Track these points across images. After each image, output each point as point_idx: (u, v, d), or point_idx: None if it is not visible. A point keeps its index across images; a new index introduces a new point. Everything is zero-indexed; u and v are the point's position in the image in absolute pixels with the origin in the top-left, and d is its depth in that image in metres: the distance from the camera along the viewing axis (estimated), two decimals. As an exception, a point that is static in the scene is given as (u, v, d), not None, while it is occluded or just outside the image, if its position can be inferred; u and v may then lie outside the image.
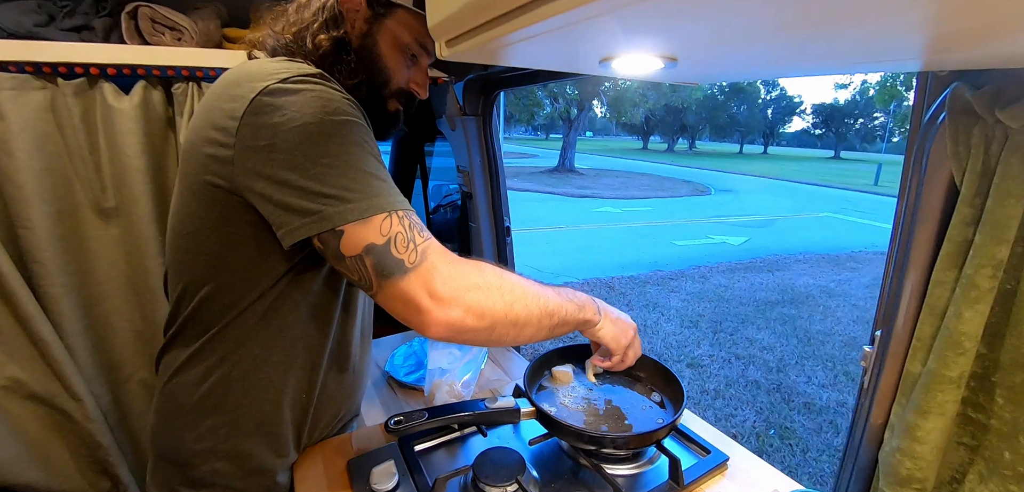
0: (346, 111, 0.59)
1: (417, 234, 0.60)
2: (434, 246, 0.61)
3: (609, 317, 0.82)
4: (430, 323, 0.59)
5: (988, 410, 0.67)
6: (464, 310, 0.60)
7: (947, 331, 0.63)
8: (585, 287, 5.48)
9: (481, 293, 0.62)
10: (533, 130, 52.41)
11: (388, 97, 0.77)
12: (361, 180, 0.57)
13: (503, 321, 0.63)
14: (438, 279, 0.59)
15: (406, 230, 0.59)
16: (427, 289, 0.58)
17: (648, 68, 0.49)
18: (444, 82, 1.40)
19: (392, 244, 0.58)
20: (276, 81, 0.58)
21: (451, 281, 0.60)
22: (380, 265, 0.58)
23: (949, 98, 0.57)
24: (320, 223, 0.56)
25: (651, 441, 0.77)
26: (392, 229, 0.58)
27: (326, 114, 0.57)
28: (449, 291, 0.59)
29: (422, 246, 0.60)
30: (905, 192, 0.67)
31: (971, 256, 0.59)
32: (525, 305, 0.66)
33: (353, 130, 0.59)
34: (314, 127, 0.56)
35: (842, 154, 44.95)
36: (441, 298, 0.58)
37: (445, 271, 0.60)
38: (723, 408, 3.36)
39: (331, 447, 0.86)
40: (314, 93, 0.58)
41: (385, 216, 0.58)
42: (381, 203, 0.58)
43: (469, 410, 0.75)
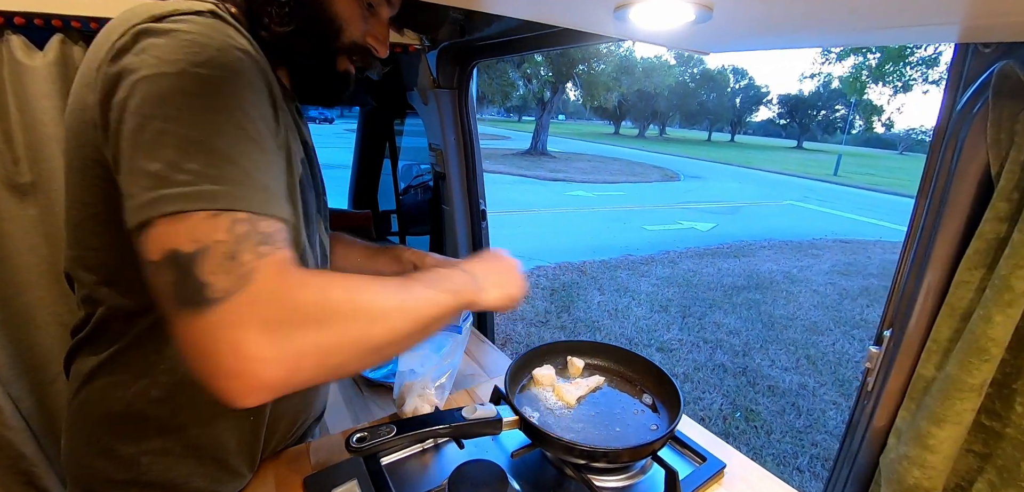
0: (223, 63, 0.45)
1: (248, 248, 0.41)
2: (268, 267, 0.42)
3: (490, 279, 0.66)
4: (237, 394, 0.40)
5: (1005, 418, 0.62)
6: (296, 360, 0.42)
7: (972, 335, 0.58)
8: (557, 271, 5.45)
9: (323, 330, 0.44)
10: (506, 112, 52.05)
11: (338, 53, 0.64)
12: (202, 158, 0.41)
13: (359, 351, 0.47)
14: (254, 324, 0.40)
15: (233, 239, 0.41)
16: (231, 342, 0.39)
17: (675, 20, 0.40)
18: (416, 50, 1.28)
19: (203, 257, 0.40)
20: (148, 20, 0.45)
21: (275, 323, 0.41)
22: (179, 286, 0.40)
23: (995, 77, 0.51)
24: (133, 213, 0.41)
25: (647, 454, 0.70)
26: (213, 235, 0.40)
27: (190, 65, 0.43)
28: (268, 343, 0.40)
29: (247, 267, 0.41)
30: (929, 184, 0.61)
31: (1007, 255, 0.53)
32: (386, 323, 0.49)
33: (222, 90, 0.44)
34: (168, 81, 0.42)
35: (805, 144, 46.60)
36: (251, 355, 0.39)
37: (268, 309, 0.41)
38: (692, 392, 3.40)
39: (285, 460, 0.75)
40: (185, 36, 0.44)
41: (211, 215, 0.41)
42: (213, 193, 0.41)
43: (444, 422, 0.66)
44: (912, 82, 14.69)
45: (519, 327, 4.08)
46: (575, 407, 0.81)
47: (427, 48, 1.29)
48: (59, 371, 1.10)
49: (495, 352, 1.29)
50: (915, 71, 14.67)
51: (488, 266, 0.68)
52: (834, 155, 26.53)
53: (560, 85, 18.20)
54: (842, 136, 46.03)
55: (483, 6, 0.44)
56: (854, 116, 39.38)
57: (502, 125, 44.98)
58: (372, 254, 0.91)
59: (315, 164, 0.73)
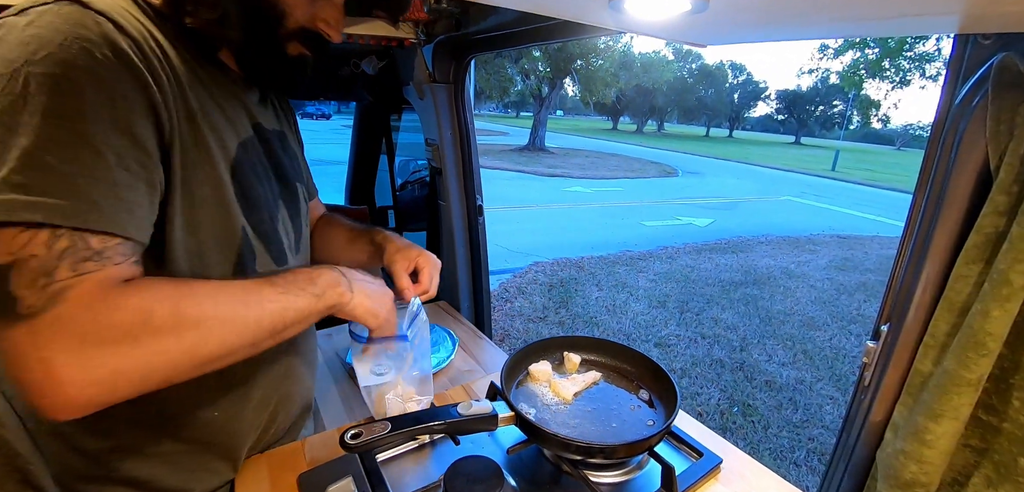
0: (64, 60, 0.42)
1: (67, 266, 0.41)
2: (85, 286, 0.42)
3: (364, 290, 0.67)
4: (54, 408, 0.41)
5: (1002, 413, 0.62)
6: (110, 380, 0.43)
7: (970, 330, 0.57)
8: (555, 267, 5.45)
9: (140, 349, 0.44)
10: (504, 107, 51.95)
11: (285, 38, 0.61)
12: (27, 168, 0.40)
13: (185, 368, 0.48)
14: (63, 340, 0.40)
15: (50, 255, 0.41)
16: (41, 359, 0.40)
17: (669, 10, 0.39)
18: (411, 43, 1.27)
19: (15, 271, 0.40)
20: (8, 13, 0.43)
21: (86, 346, 0.41)
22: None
23: (995, 69, 0.50)
24: None
25: (643, 449, 0.69)
26: (28, 249, 0.40)
27: (26, 61, 0.41)
28: (78, 362, 0.41)
29: (61, 285, 0.41)
30: (927, 178, 0.61)
31: (1006, 250, 0.53)
32: (221, 336, 0.50)
33: (63, 89, 0.42)
34: (3, 80, 0.41)
35: (802, 139, 46.67)
36: (62, 376, 0.40)
37: (79, 328, 0.41)
38: (689, 387, 3.41)
39: (280, 457, 0.75)
40: (29, 32, 0.42)
41: (27, 229, 0.40)
42: (35, 205, 0.40)
43: (439, 419, 0.66)
44: (909, 77, 14.70)
45: (517, 323, 4.08)
46: (572, 403, 0.81)
47: (423, 42, 1.28)
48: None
49: (491, 348, 1.28)
50: (912, 66, 14.68)
51: (363, 277, 0.69)
52: (832, 150, 26.56)
53: (558, 81, 18.16)
54: (840, 131, 46.11)
55: (479, -4, 0.44)
56: (852, 111, 39.44)
57: (500, 121, 44.89)
58: (353, 237, 0.91)
59: (277, 147, 0.72)
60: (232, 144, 0.61)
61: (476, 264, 1.59)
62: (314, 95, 1.97)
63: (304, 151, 0.86)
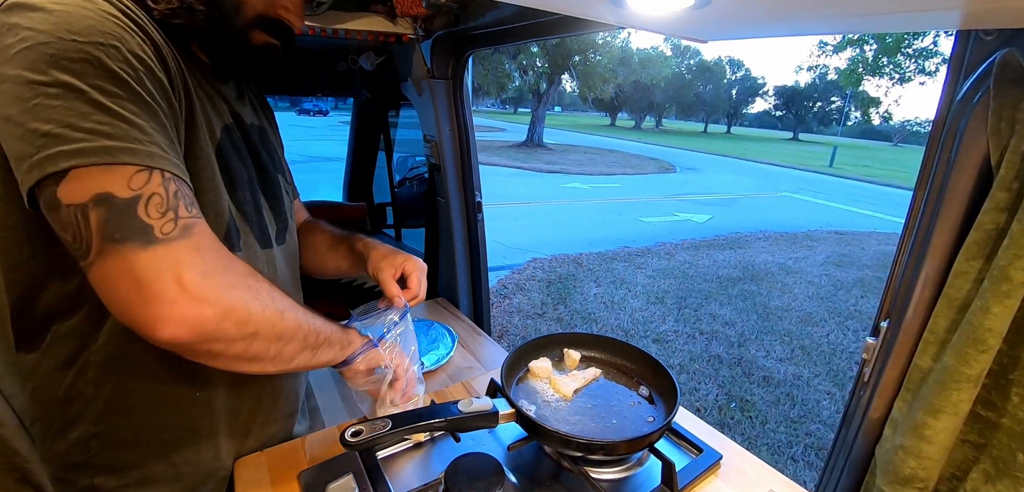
0: (102, 31, 0.45)
1: (183, 206, 0.47)
2: (205, 226, 0.50)
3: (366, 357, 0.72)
4: (167, 320, 0.45)
5: (1001, 408, 0.62)
6: (224, 311, 0.48)
7: (970, 326, 0.57)
8: (553, 263, 5.45)
9: (250, 294, 0.51)
10: (502, 103, 51.84)
11: (245, 27, 0.61)
12: (107, 120, 0.44)
13: (269, 332, 0.53)
14: (198, 265, 0.46)
15: (168, 194, 0.46)
16: (176, 273, 0.45)
17: (673, 5, 0.39)
18: (409, 39, 1.26)
19: (141, 203, 0.44)
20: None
21: (214, 273, 0.48)
22: (111, 224, 0.43)
23: (997, 65, 0.50)
24: (31, 172, 0.42)
25: (644, 445, 0.69)
26: (148, 188, 0.45)
27: (70, 33, 0.44)
28: (210, 284, 0.47)
29: (186, 221, 0.47)
30: (928, 174, 0.61)
31: (1006, 246, 0.53)
32: (294, 316, 0.56)
33: (107, 55, 0.45)
34: (49, 48, 0.43)
35: (800, 136, 46.71)
36: (193, 290, 0.45)
37: (210, 259, 0.48)
38: (687, 383, 3.42)
39: (280, 455, 0.75)
40: (62, 9, 0.45)
41: (141, 170, 0.45)
42: (139, 151, 0.45)
43: (440, 416, 0.65)
44: (909, 75, 14.70)
45: (515, 320, 4.08)
46: (572, 399, 0.81)
47: (421, 37, 1.27)
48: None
49: (491, 345, 1.28)
50: (911, 63, 14.68)
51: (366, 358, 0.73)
52: (830, 147, 26.59)
53: (556, 77, 18.12)
54: (838, 128, 46.15)
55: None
56: (849, 108, 39.48)
57: (498, 117, 44.79)
58: (334, 243, 0.91)
59: (256, 140, 0.72)
60: (217, 127, 0.62)
61: (475, 261, 1.59)
62: (311, 91, 1.96)
63: (284, 151, 0.86)
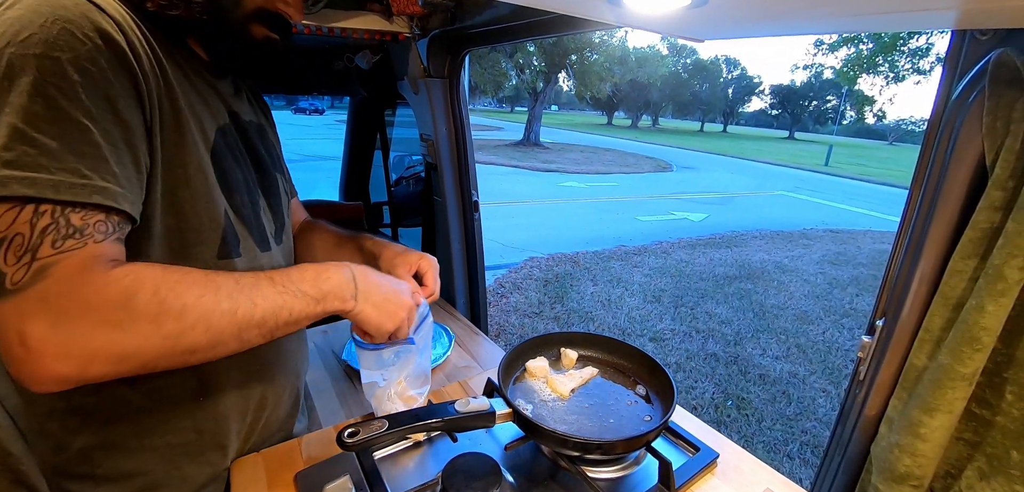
0: (46, 40, 0.43)
1: (49, 242, 0.42)
2: (68, 264, 0.43)
3: (372, 296, 0.64)
4: (26, 378, 0.42)
5: (995, 406, 0.63)
6: (85, 360, 0.43)
7: (965, 325, 0.58)
8: (550, 262, 5.45)
9: (118, 332, 0.44)
10: (499, 102, 51.80)
11: (244, 20, 0.60)
12: (6, 143, 0.41)
13: (164, 354, 0.47)
14: (42, 316, 0.41)
15: (31, 234, 0.42)
16: (19, 329, 0.41)
17: (669, 5, 0.39)
18: (405, 38, 1.26)
19: (2, 249, 0.41)
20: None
21: (65, 321, 0.42)
22: None
23: (992, 65, 0.50)
24: None
25: (640, 445, 0.69)
26: (13, 226, 0.41)
27: (8, 45, 0.42)
28: (55, 337, 0.42)
29: (44, 262, 0.42)
30: (924, 173, 0.61)
31: (1001, 245, 0.53)
32: (207, 325, 0.49)
33: (46, 67, 0.42)
34: None
35: (796, 135, 46.88)
36: (37, 347, 0.41)
37: (60, 303, 0.42)
38: (684, 381, 3.42)
39: (276, 456, 0.74)
40: (13, 15, 0.43)
41: (12, 206, 0.41)
42: (20, 180, 0.41)
43: (437, 416, 0.65)
44: (904, 74, 14.76)
45: (512, 318, 4.08)
46: (569, 399, 0.81)
47: (417, 36, 1.27)
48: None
49: (488, 344, 1.28)
50: (906, 62, 14.74)
51: (378, 281, 0.66)
52: (825, 145, 26.70)
53: (553, 75, 18.12)
54: (833, 127, 46.34)
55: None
56: (845, 107, 39.61)
57: (495, 116, 44.76)
58: (339, 243, 0.89)
59: (255, 138, 0.71)
60: (210, 129, 0.61)
61: (472, 260, 1.59)
62: (308, 90, 1.95)
63: (281, 148, 0.85)
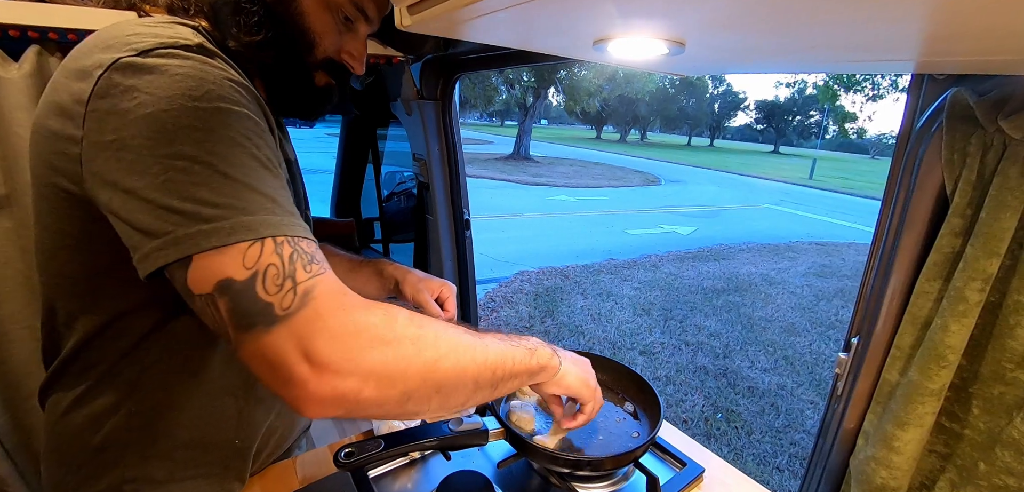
0: (222, 96, 0.45)
1: (301, 268, 0.43)
2: (325, 284, 0.44)
3: (569, 358, 0.65)
4: (307, 399, 0.42)
5: (963, 420, 0.66)
6: (362, 378, 0.43)
7: (931, 343, 0.61)
8: (541, 276, 5.48)
9: (389, 350, 0.44)
10: (489, 116, 52.08)
11: (313, 67, 0.62)
12: (231, 191, 0.43)
13: (423, 387, 0.47)
14: (323, 334, 0.42)
15: (283, 262, 0.43)
16: (303, 349, 0.41)
17: (649, 53, 0.42)
18: (399, 62, 1.29)
19: (259, 281, 0.41)
20: (132, 53, 0.44)
21: (344, 336, 0.43)
22: (238, 310, 0.41)
23: (948, 103, 0.55)
24: (167, 250, 0.41)
25: (629, 461, 0.72)
26: (262, 260, 0.42)
27: (191, 100, 0.43)
28: (339, 352, 0.42)
29: (305, 285, 0.43)
30: (891, 198, 0.65)
31: (961, 268, 0.57)
32: (455, 360, 0.49)
33: (229, 121, 0.44)
34: (172, 116, 0.42)
35: (781, 148, 47.71)
36: (324, 363, 0.41)
37: (335, 321, 0.43)
38: (674, 394, 3.45)
39: (272, 476, 0.75)
40: (181, 71, 0.44)
41: (253, 242, 0.42)
42: (249, 223, 0.42)
43: (431, 435, 0.67)
44: (884, 92, 15.17)
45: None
46: (559, 416, 0.83)
47: (411, 60, 1.30)
48: (35, 387, 1.07)
49: (480, 361, 1.30)
50: (887, 80, 15.15)
51: (567, 353, 0.67)
52: (809, 159, 27.23)
53: (542, 90, 18.32)
54: (817, 141, 47.30)
55: (469, 36, 0.46)
56: (828, 121, 40.49)
57: (485, 130, 44.98)
58: (354, 266, 0.90)
59: (298, 179, 0.73)
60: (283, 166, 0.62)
61: (463, 276, 1.61)
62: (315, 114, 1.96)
63: None
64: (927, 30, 0.35)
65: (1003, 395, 0.61)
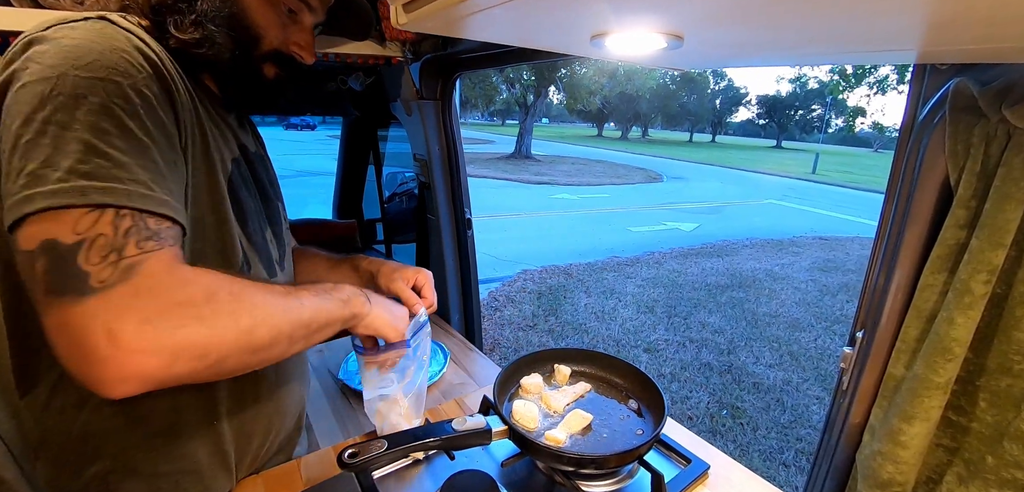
0: (107, 65, 0.45)
1: (133, 243, 0.44)
2: (154, 263, 0.44)
3: (381, 302, 0.71)
4: (108, 379, 0.42)
5: (970, 413, 0.66)
6: (172, 354, 0.44)
7: (937, 336, 0.61)
8: (543, 274, 5.48)
9: (204, 326, 0.46)
10: (490, 116, 52.09)
11: (261, 60, 0.64)
12: (81, 157, 0.42)
13: (238, 352, 0.49)
14: (133, 313, 0.42)
15: (116, 234, 0.43)
16: (108, 328, 0.41)
17: (647, 48, 0.42)
18: (398, 62, 1.29)
19: (83, 249, 0.41)
20: (36, 29, 0.47)
21: (156, 317, 0.43)
22: (53, 272, 0.41)
23: (951, 94, 0.54)
24: (12, 210, 0.42)
25: (633, 458, 0.71)
26: (95, 229, 0.42)
27: (73, 68, 0.44)
28: (148, 334, 0.42)
29: (131, 260, 0.43)
30: (894, 191, 0.64)
31: (966, 260, 0.56)
32: (272, 323, 0.52)
33: (108, 90, 0.45)
34: (48, 85, 0.43)
35: (783, 143, 47.53)
36: (127, 343, 0.41)
37: (151, 301, 0.43)
38: (679, 391, 3.44)
39: (276, 478, 0.75)
40: (68, 42, 0.45)
41: (91, 210, 0.42)
42: (95, 189, 0.42)
43: (435, 435, 0.67)
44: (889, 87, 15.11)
45: (506, 332, 4.09)
46: (563, 414, 0.82)
47: (410, 60, 1.30)
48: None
49: (483, 360, 1.30)
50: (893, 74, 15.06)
51: (379, 296, 0.72)
52: (812, 154, 27.09)
53: (543, 89, 18.31)
54: (819, 135, 47.10)
55: (465, 33, 0.46)
56: (830, 115, 40.32)
57: (486, 129, 44.99)
58: (333, 265, 0.91)
59: (259, 169, 0.74)
60: (227, 160, 0.64)
61: (466, 276, 1.61)
62: (301, 110, 1.97)
63: None
64: (929, 18, 0.34)
65: (1010, 388, 0.60)
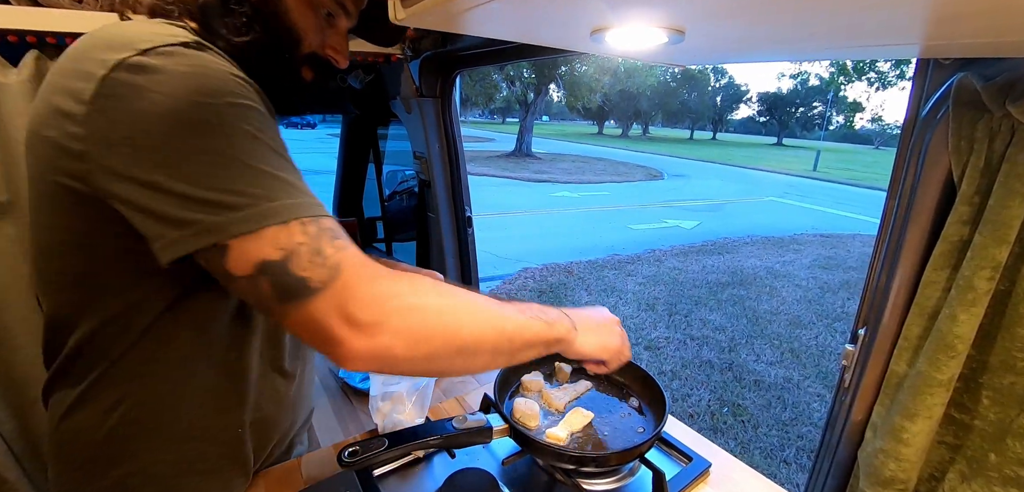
0: (232, 90, 0.47)
1: (327, 243, 0.48)
2: (350, 257, 0.49)
3: (587, 325, 0.69)
4: (348, 355, 0.47)
5: (973, 411, 0.65)
6: (392, 335, 0.48)
7: (939, 333, 0.60)
8: (544, 273, 5.48)
9: (415, 314, 0.50)
10: (490, 113, 52.06)
11: (298, 63, 0.64)
12: (253, 179, 0.46)
13: (446, 348, 0.52)
14: (356, 299, 0.47)
15: (310, 240, 0.47)
16: (341, 313, 0.47)
17: (648, 42, 0.42)
18: (398, 59, 1.28)
19: (292, 260, 0.46)
20: (135, 53, 0.45)
21: (374, 301, 0.48)
22: (279, 287, 0.46)
23: (954, 89, 0.53)
24: (199, 237, 0.45)
25: (634, 457, 0.71)
26: (292, 241, 0.46)
27: (204, 95, 0.45)
28: (371, 313, 0.48)
29: (334, 259, 0.48)
30: (897, 187, 0.64)
31: (969, 257, 0.56)
32: (476, 327, 0.54)
33: (242, 115, 0.47)
34: (187, 112, 0.44)
35: (784, 141, 47.43)
36: (360, 322, 0.47)
37: (365, 290, 0.48)
38: (680, 389, 3.44)
39: (276, 476, 0.75)
40: (188, 68, 0.46)
41: (281, 226, 0.46)
42: (276, 208, 0.46)
43: (435, 433, 0.67)
44: (890, 82, 15.05)
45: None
46: (563, 412, 0.82)
47: (409, 58, 1.29)
48: (40, 393, 1.08)
49: (484, 358, 1.29)
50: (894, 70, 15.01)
51: (586, 315, 0.70)
52: (813, 151, 27.04)
53: (543, 87, 18.29)
54: (820, 132, 47.01)
55: (464, 28, 0.45)
56: (831, 112, 40.22)
57: (486, 127, 44.96)
58: None
59: None
60: None
61: (466, 274, 1.61)
62: (301, 111, 1.96)
63: None
64: (932, 12, 0.34)
65: (1014, 385, 0.60)
